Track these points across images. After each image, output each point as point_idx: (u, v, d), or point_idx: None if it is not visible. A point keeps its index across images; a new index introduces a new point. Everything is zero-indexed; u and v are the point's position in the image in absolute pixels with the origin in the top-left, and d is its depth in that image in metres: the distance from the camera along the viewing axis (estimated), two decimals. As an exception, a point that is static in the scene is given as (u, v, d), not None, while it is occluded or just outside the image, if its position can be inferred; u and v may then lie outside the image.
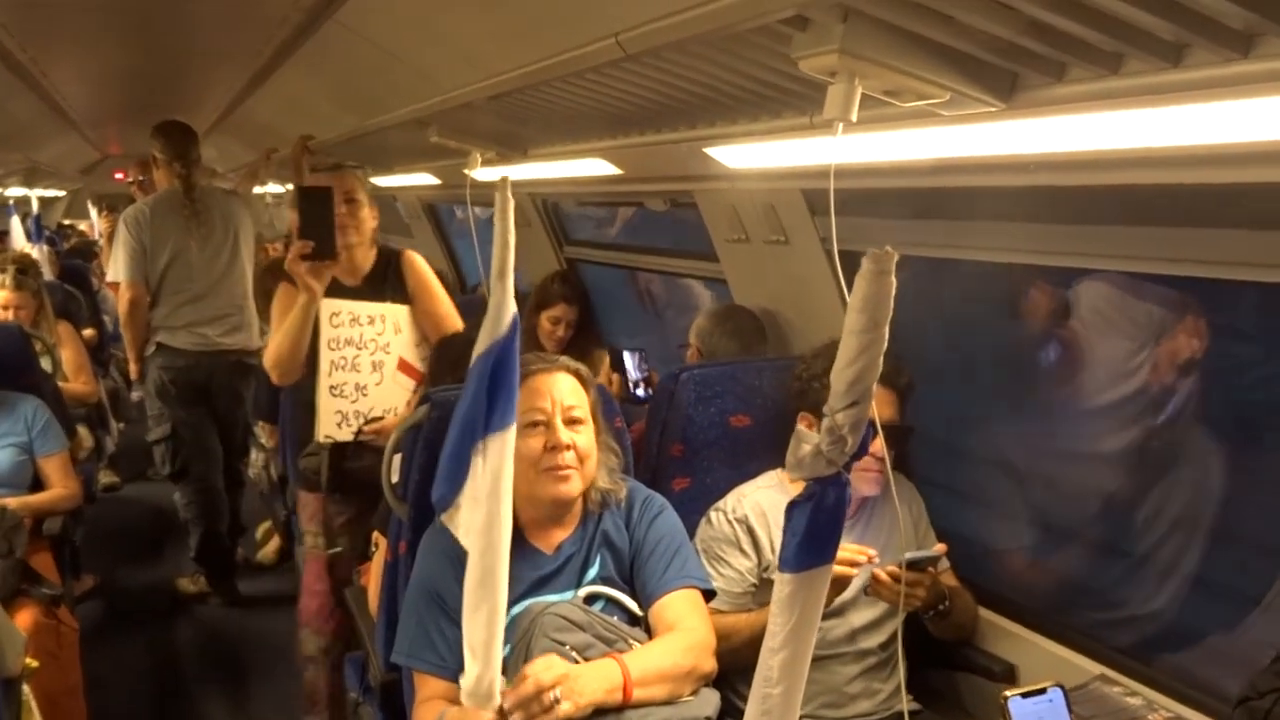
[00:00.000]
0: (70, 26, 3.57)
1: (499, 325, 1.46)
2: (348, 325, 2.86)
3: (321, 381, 2.83)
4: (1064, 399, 2.48)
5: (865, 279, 1.11)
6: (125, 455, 5.65)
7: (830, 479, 1.17)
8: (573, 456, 1.92)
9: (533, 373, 1.95)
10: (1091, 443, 2.39)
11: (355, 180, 2.97)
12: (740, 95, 1.94)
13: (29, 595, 2.85)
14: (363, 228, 2.94)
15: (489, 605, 1.54)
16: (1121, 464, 2.29)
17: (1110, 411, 2.31)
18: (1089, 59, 1.32)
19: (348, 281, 2.94)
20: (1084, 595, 2.39)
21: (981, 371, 2.77)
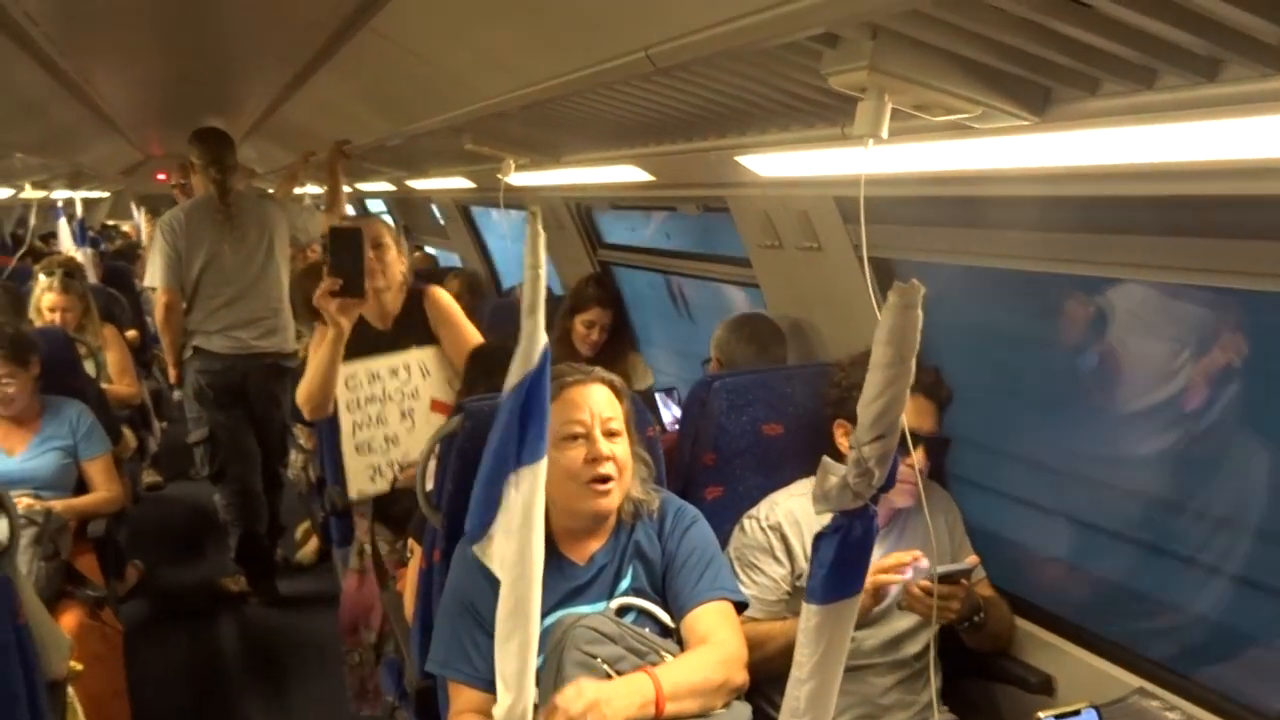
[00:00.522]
0: (111, 34, 3.63)
1: (530, 358, 1.46)
2: (366, 384, 2.93)
3: (345, 444, 2.91)
4: (1107, 402, 2.46)
5: (891, 313, 1.10)
6: (168, 454, 5.74)
7: (857, 511, 1.17)
8: (612, 468, 1.93)
9: (569, 384, 1.96)
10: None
11: (383, 227, 3.05)
12: (771, 107, 1.94)
13: (74, 597, 2.91)
14: (390, 272, 3.00)
15: (521, 635, 1.54)
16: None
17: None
18: (1122, 74, 1.31)
19: (378, 325, 3.04)
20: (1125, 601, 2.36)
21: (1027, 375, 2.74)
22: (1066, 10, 1.18)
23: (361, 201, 9.47)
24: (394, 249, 3.04)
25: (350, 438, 2.92)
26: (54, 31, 3.31)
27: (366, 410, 2.93)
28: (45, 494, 3.15)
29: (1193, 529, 2.25)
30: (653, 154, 2.71)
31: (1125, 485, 2.41)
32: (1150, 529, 2.35)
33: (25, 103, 4.30)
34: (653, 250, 4.24)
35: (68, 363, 3.57)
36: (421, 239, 7.75)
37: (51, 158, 5.46)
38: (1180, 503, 2.28)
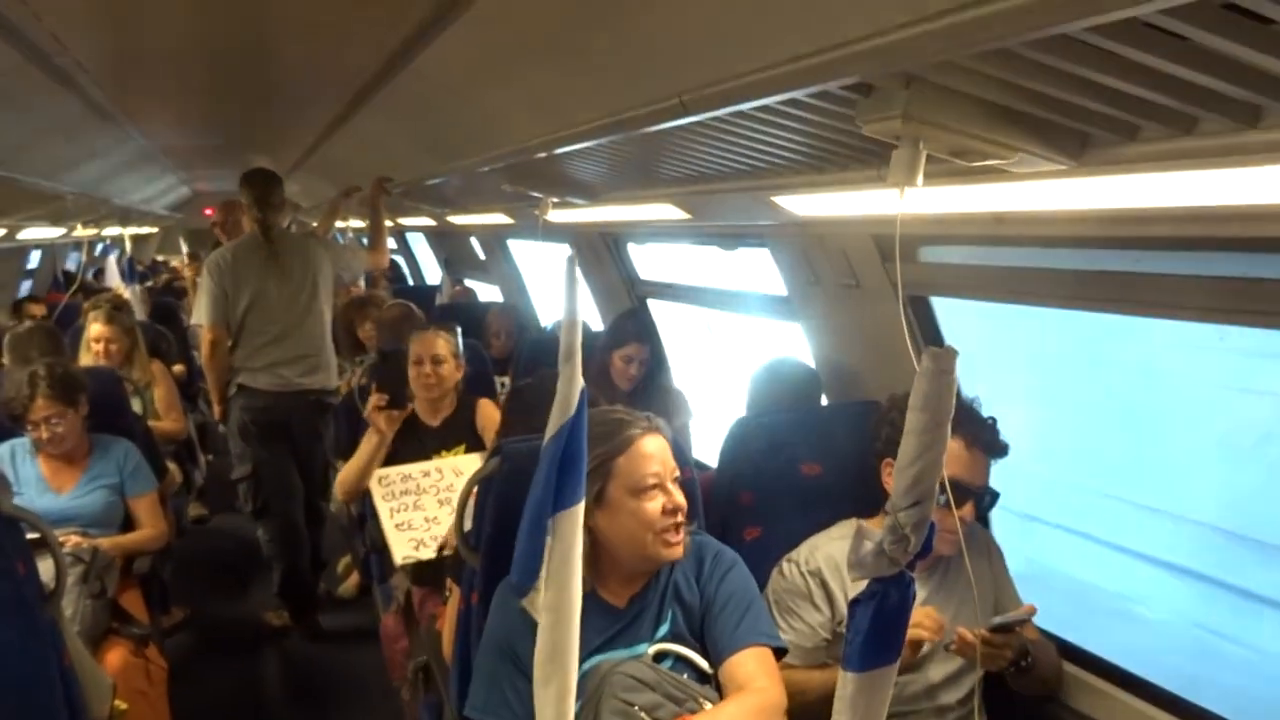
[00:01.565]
0: (159, 77, 3.72)
1: (568, 405, 1.47)
2: (399, 482, 3.24)
3: (385, 524, 3.11)
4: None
5: (925, 378, 1.09)
6: (213, 488, 5.81)
7: (893, 578, 1.15)
8: (681, 516, 1.93)
9: (638, 435, 1.95)
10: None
11: (443, 341, 3.43)
12: (805, 151, 1.94)
13: (119, 634, 2.95)
14: (444, 384, 3.42)
15: (560, 680, 1.54)
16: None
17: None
18: (1161, 119, 1.30)
19: (429, 421, 3.46)
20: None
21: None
22: (1103, 61, 1.17)
23: (403, 235, 9.59)
24: (450, 362, 3.43)
25: (389, 519, 3.13)
26: (103, 77, 3.40)
27: (403, 500, 3.19)
28: (93, 531, 3.20)
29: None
30: (689, 193, 2.72)
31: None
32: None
33: (76, 145, 4.41)
34: (692, 286, 4.24)
35: (115, 401, 3.63)
36: (462, 272, 7.82)
37: (101, 197, 5.58)
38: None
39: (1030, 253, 2.15)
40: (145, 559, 3.39)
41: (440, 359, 3.41)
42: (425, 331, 3.47)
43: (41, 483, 3.27)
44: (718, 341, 4.52)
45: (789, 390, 2.88)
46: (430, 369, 3.39)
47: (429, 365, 3.39)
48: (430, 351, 3.40)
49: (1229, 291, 1.76)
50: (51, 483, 3.29)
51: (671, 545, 1.93)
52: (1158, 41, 1.11)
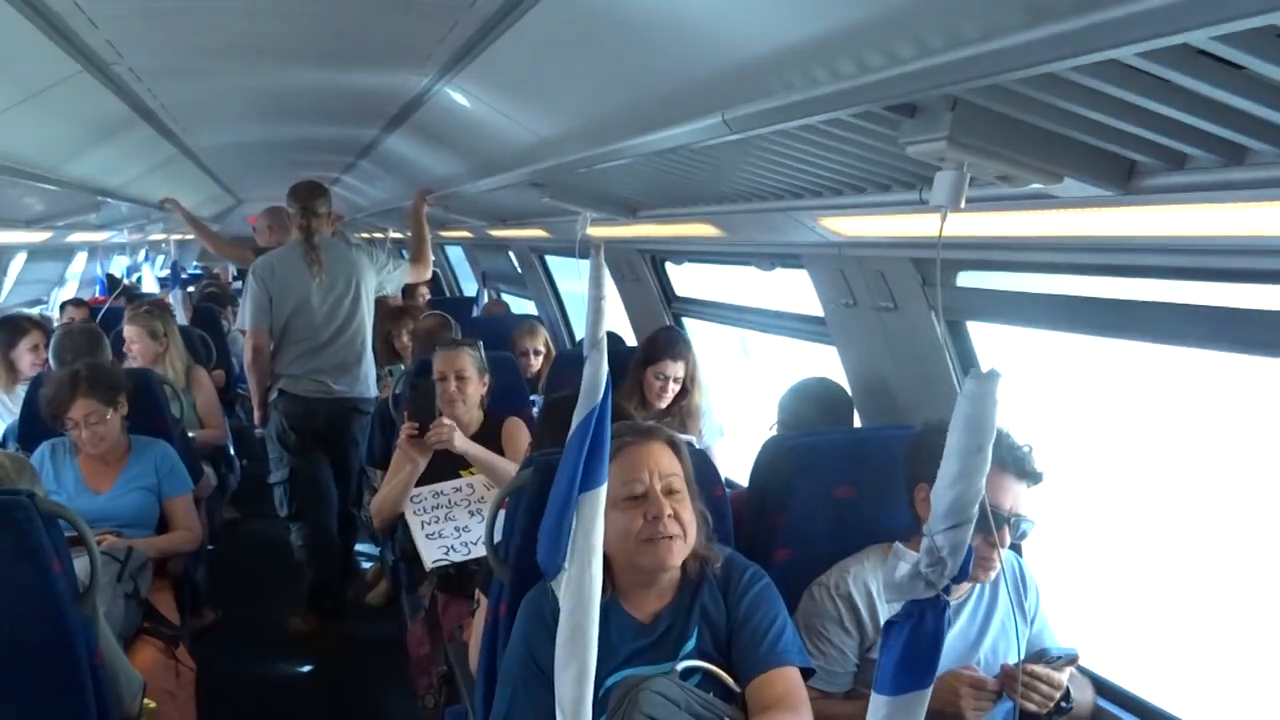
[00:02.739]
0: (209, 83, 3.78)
1: (594, 393, 1.48)
2: (429, 499, 3.26)
3: (416, 534, 3.17)
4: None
5: (968, 400, 1.07)
6: (247, 492, 5.85)
7: (929, 601, 1.14)
8: (675, 526, 1.91)
9: (627, 444, 1.94)
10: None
11: (467, 358, 3.44)
12: (846, 171, 1.93)
13: (150, 634, 2.97)
14: (469, 400, 3.43)
15: (579, 663, 1.54)
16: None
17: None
18: (1211, 148, 1.28)
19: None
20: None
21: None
22: (1153, 87, 1.16)
23: (441, 247, 9.66)
24: (474, 380, 3.44)
25: (419, 531, 3.17)
26: (155, 84, 3.47)
27: (434, 514, 3.23)
28: (128, 532, 3.23)
29: None
30: (726, 212, 2.72)
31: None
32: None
33: (124, 150, 4.49)
34: (727, 305, 4.24)
35: (153, 402, 3.68)
36: (498, 286, 7.87)
37: (146, 202, 5.68)
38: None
39: (1071, 280, 2.13)
40: (179, 560, 3.42)
41: (464, 375, 3.42)
42: (449, 348, 3.48)
43: (79, 482, 3.32)
44: (753, 362, 4.50)
45: (819, 410, 2.87)
46: (455, 385, 3.40)
47: (453, 381, 3.40)
48: (454, 368, 3.41)
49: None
50: (89, 482, 3.33)
51: (658, 553, 1.90)
52: (1209, 69, 1.09)
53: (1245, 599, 2.64)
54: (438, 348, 3.52)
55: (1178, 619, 2.79)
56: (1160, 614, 2.83)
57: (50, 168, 3.77)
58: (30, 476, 2.54)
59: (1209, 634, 2.68)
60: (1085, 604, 2.84)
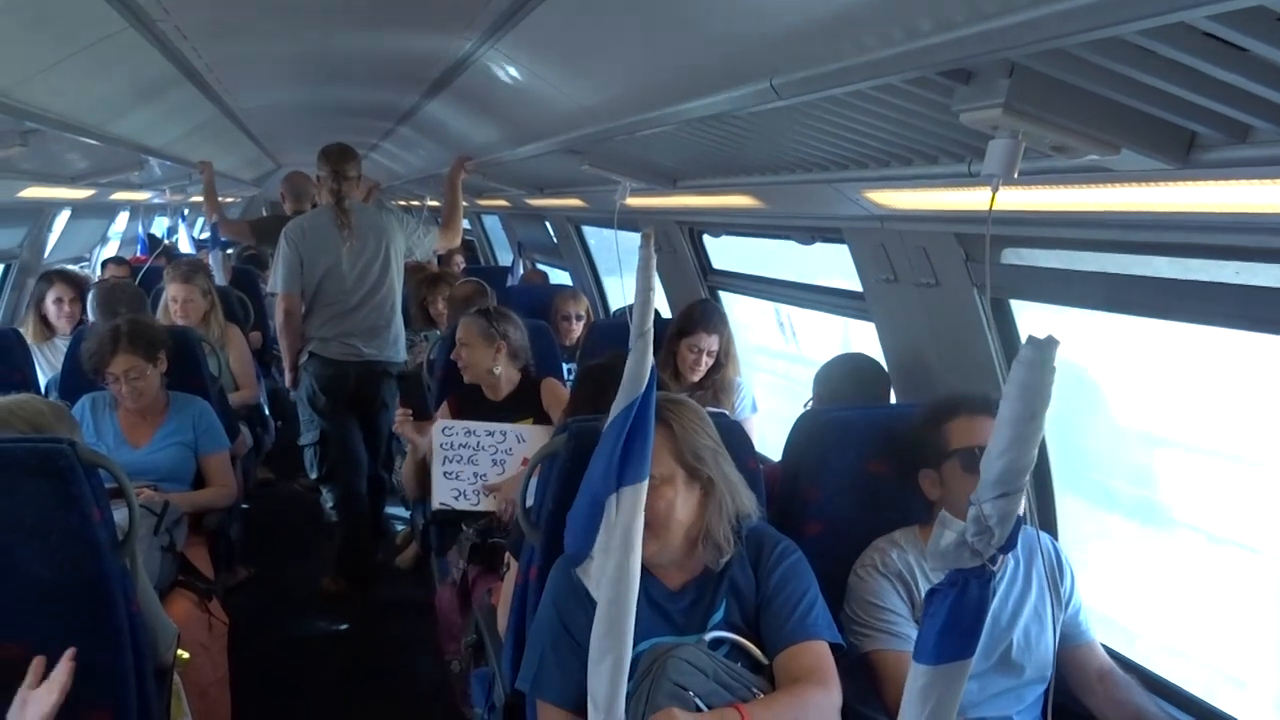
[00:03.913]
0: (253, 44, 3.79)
1: (639, 381, 1.47)
2: (461, 435, 3.34)
3: (435, 469, 3.31)
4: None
5: (1024, 367, 1.05)
6: (280, 454, 5.90)
7: (974, 570, 1.12)
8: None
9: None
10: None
11: (472, 329, 3.55)
12: (894, 140, 1.90)
13: (185, 587, 3.01)
14: (499, 357, 3.54)
15: (614, 657, 1.54)
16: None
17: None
18: (1275, 120, 1.24)
19: (491, 397, 3.57)
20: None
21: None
22: (1219, 53, 1.13)
23: (478, 216, 9.67)
24: (479, 347, 3.54)
25: (439, 466, 3.29)
26: (201, 43, 3.48)
27: (459, 452, 3.32)
28: (165, 486, 3.27)
29: None
30: (768, 183, 2.69)
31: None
32: None
33: (167, 109, 4.52)
34: (764, 279, 4.21)
35: (193, 360, 3.71)
36: (534, 256, 7.87)
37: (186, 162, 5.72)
38: None
39: (1121, 259, 2.08)
40: (214, 516, 3.46)
41: (468, 344, 3.55)
42: (464, 318, 3.62)
43: (119, 436, 3.36)
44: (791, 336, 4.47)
45: (855, 385, 2.84)
46: (464, 354, 3.55)
47: (462, 349, 3.56)
48: (459, 335, 3.58)
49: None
50: (128, 437, 3.37)
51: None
52: (1274, 35, 1.06)
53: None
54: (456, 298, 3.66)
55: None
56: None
57: (95, 124, 3.79)
58: (70, 425, 2.56)
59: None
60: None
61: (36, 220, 5.68)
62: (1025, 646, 2.12)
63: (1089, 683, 2.15)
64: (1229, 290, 1.84)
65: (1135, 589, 2.76)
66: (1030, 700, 2.14)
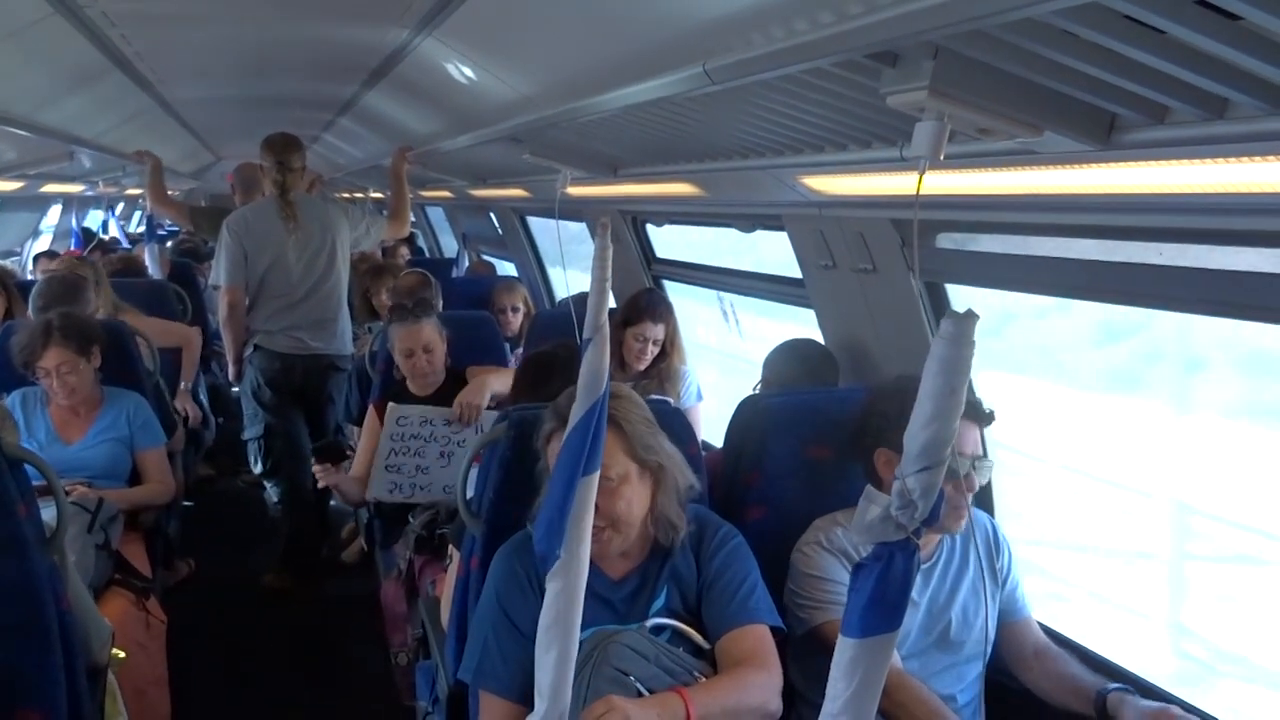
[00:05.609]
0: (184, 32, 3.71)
1: (597, 385, 1.47)
2: (416, 425, 3.31)
3: (379, 461, 3.30)
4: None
5: (944, 342, 1.06)
6: (221, 450, 5.82)
7: (899, 544, 1.13)
8: (600, 519, 1.79)
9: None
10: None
11: (428, 329, 3.49)
12: (828, 126, 1.91)
13: (121, 585, 2.96)
14: (436, 365, 3.50)
15: (560, 648, 1.54)
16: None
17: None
18: (1193, 101, 1.27)
19: (418, 393, 3.51)
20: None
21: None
22: (1137, 35, 1.15)
23: (422, 208, 9.58)
24: (439, 347, 3.50)
25: (384, 457, 3.27)
26: (130, 31, 3.40)
27: (407, 443, 3.29)
28: (99, 483, 3.21)
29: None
30: (708, 170, 2.70)
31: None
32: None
33: (97, 100, 4.41)
34: (707, 267, 4.22)
35: (126, 355, 3.63)
36: (479, 248, 7.82)
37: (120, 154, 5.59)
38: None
39: (1048, 242, 2.12)
40: (150, 514, 3.40)
41: (430, 348, 3.48)
42: (407, 323, 3.48)
43: (51, 432, 3.29)
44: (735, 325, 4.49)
45: (803, 370, 2.86)
46: (424, 359, 3.46)
47: (422, 356, 3.46)
48: (420, 342, 3.46)
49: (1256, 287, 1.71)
50: (61, 433, 3.30)
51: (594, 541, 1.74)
52: (1196, 16, 1.08)
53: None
54: (394, 324, 3.54)
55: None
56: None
57: (21, 113, 3.70)
58: (8, 421, 2.51)
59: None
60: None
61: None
62: (964, 624, 2.15)
63: (1025, 658, 2.19)
64: (1157, 271, 1.88)
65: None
66: (971, 678, 2.17)
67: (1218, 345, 3.06)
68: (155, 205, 5.53)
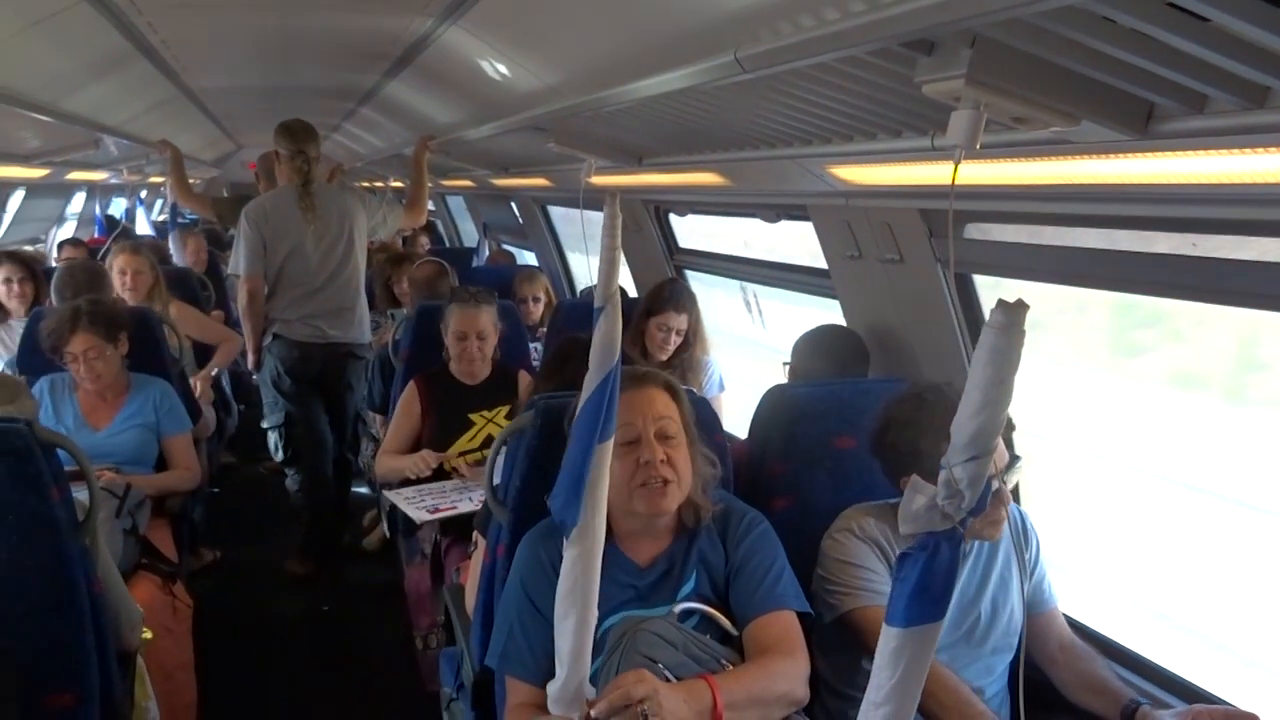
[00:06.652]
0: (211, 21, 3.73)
1: (610, 354, 1.47)
2: (416, 497, 3.23)
3: (402, 505, 3.20)
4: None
5: (993, 331, 1.05)
6: (243, 438, 5.85)
7: (945, 533, 1.13)
8: (668, 470, 1.90)
9: (623, 391, 1.87)
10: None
11: (486, 316, 3.52)
12: (858, 114, 1.91)
13: (148, 570, 2.98)
14: (486, 354, 3.54)
15: (578, 614, 1.55)
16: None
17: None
18: (1233, 90, 1.26)
19: (467, 381, 3.53)
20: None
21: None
22: (1178, 22, 1.14)
23: (443, 198, 9.60)
24: (492, 335, 3.54)
25: (402, 502, 3.21)
26: (157, 19, 3.42)
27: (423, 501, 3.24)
28: (126, 468, 3.23)
29: None
30: (734, 160, 2.69)
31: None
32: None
33: (123, 87, 4.44)
34: (730, 257, 4.22)
35: (153, 341, 3.66)
36: (500, 237, 7.83)
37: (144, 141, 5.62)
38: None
39: (1080, 233, 2.11)
40: (176, 499, 3.42)
41: (485, 334, 3.49)
42: (469, 306, 3.48)
43: (79, 418, 3.31)
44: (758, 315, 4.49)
45: (833, 361, 2.81)
46: (476, 345, 3.47)
47: (474, 341, 3.47)
48: (477, 328, 3.48)
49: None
50: (88, 419, 3.32)
51: (652, 498, 1.89)
52: (1237, 4, 1.07)
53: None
54: (455, 305, 3.51)
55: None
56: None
57: (48, 100, 3.72)
58: (26, 396, 2.54)
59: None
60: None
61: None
62: (993, 616, 2.14)
63: (1050, 652, 2.17)
64: (1189, 262, 1.86)
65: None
66: (999, 670, 2.16)
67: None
68: (179, 199, 5.55)
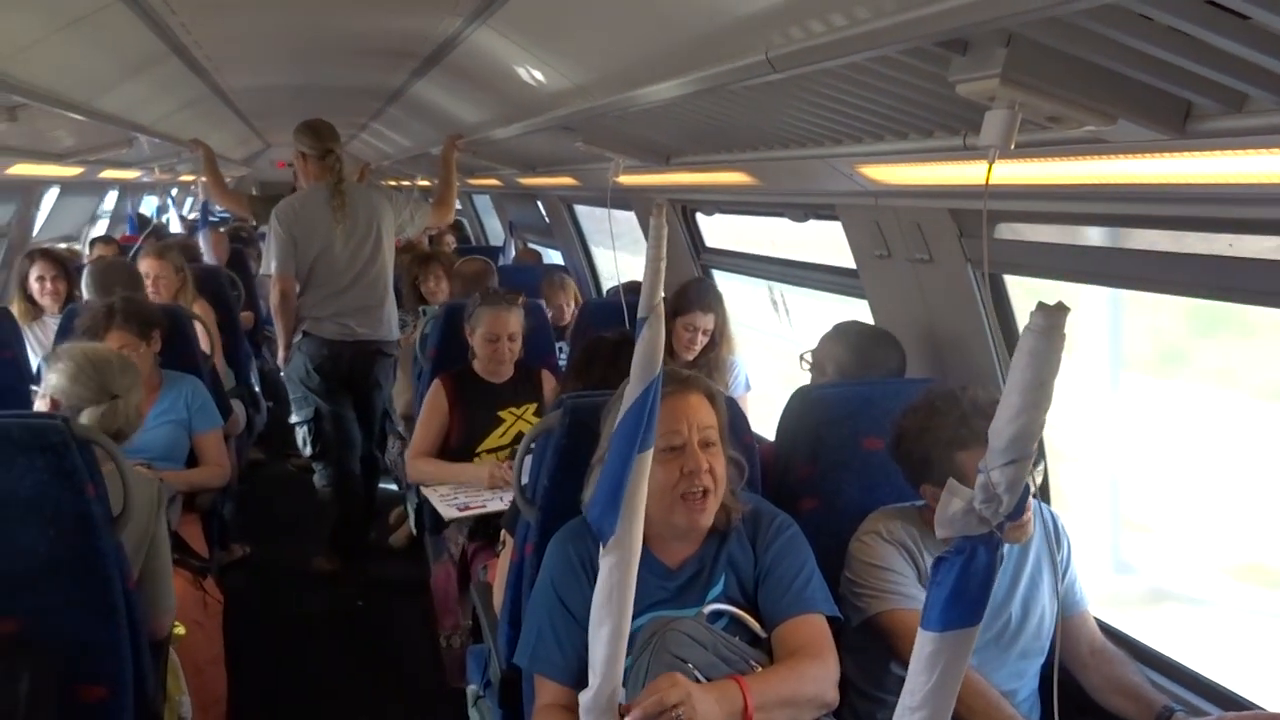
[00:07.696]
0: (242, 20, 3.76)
1: (653, 365, 1.48)
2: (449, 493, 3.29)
3: (434, 500, 3.27)
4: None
5: (1033, 334, 1.04)
6: (272, 435, 5.90)
7: (982, 537, 1.12)
8: (709, 480, 1.89)
9: (666, 394, 1.84)
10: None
11: (515, 319, 3.57)
12: (889, 114, 1.89)
13: (179, 565, 3.01)
14: (515, 354, 3.59)
15: (613, 622, 1.55)
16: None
17: None
18: (1273, 89, 1.24)
19: (491, 380, 3.59)
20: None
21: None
22: (1217, 19, 1.12)
23: (469, 196, 9.63)
24: (520, 338, 3.58)
25: (437, 499, 3.26)
26: (189, 18, 3.45)
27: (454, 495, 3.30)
28: (158, 465, 3.26)
29: None
30: (762, 159, 2.68)
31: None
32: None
33: (155, 86, 4.48)
34: (757, 256, 4.20)
35: (185, 339, 3.70)
36: (525, 236, 7.85)
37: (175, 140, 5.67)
38: None
39: (1111, 233, 2.09)
40: (207, 495, 3.46)
41: (515, 336, 3.55)
42: (499, 308, 3.51)
43: (112, 415, 3.34)
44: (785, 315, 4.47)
45: (856, 358, 2.75)
46: (507, 346, 3.52)
47: (505, 342, 3.52)
48: (508, 330, 3.53)
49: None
50: (121, 415, 3.35)
51: (694, 509, 1.88)
52: (1276, 2, 1.05)
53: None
54: (486, 307, 3.54)
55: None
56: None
57: (83, 99, 3.76)
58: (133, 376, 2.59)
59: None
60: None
61: (24, 198, 5.64)
62: (1023, 619, 2.13)
63: (1080, 655, 2.16)
64: (1223, 262, 1.84)
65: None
66: (1030, 674, 2.15)
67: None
68: (215, 197, 5.57)
